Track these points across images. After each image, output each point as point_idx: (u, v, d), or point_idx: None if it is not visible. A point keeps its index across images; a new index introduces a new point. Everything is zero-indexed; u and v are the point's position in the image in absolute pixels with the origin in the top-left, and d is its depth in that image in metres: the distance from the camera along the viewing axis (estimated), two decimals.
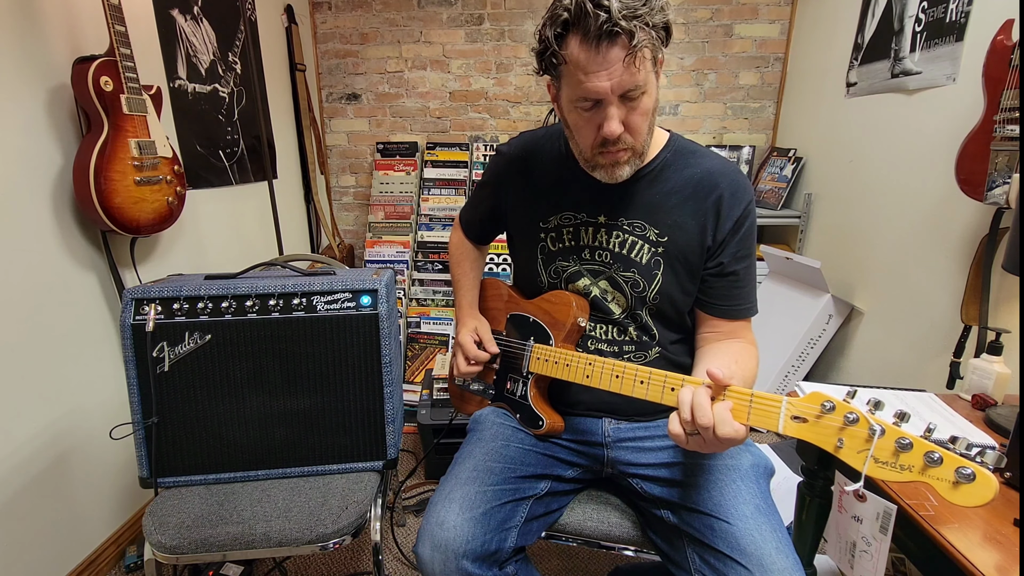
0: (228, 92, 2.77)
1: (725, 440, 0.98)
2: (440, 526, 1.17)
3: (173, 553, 1.41)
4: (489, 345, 1.50)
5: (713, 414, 0.98)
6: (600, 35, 1.04)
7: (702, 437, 1.00)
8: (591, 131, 1.18)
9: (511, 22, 3.59)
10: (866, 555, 1.16)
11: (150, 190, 1.95)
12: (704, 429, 0.99)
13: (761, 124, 3.66)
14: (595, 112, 1.15)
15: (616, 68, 1.07)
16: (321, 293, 1.56)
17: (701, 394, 1.01)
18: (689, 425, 1.01)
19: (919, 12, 2.26)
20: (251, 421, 1.58)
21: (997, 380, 1.56)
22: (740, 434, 0.98)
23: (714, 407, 1.00)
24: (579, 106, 1.16)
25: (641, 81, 1.10)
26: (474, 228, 1.65)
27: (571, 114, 1.20)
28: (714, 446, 1.01)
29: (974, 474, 0.78)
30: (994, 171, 1.65)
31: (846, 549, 1.23)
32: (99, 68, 1.77)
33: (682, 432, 1.02)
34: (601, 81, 1.08)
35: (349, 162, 3.93)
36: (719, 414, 0.99)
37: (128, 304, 1.50)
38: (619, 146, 1.18)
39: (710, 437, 0.99)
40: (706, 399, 1.00)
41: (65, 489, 1.91)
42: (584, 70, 1.09)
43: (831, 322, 2.75)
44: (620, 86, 1.09)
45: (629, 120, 1.15)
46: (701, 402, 1.00)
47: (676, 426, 1.03)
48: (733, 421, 0.98)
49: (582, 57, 1.08)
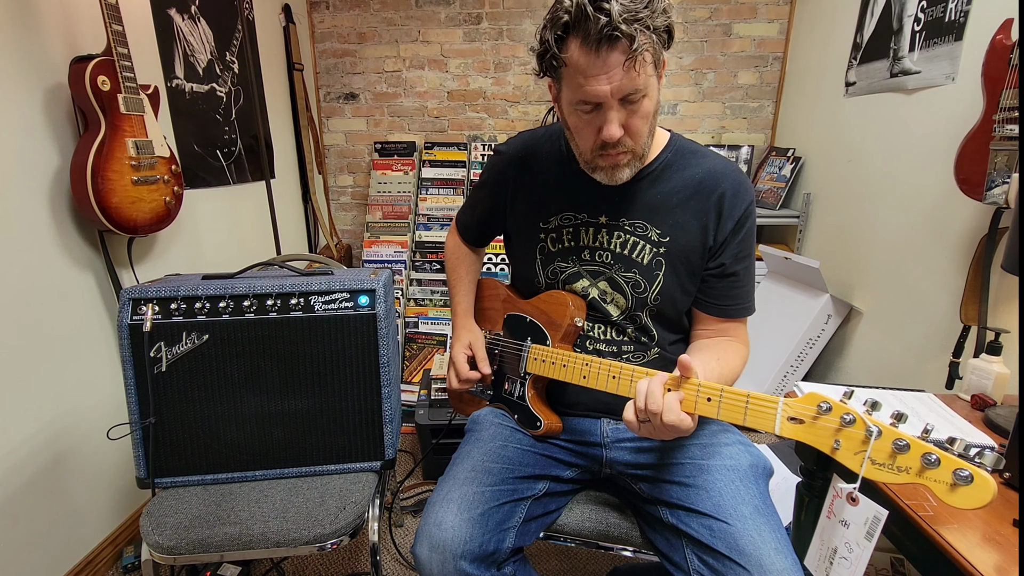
0: (225, 92, 2.76)
1: (670, 427, 1.04)
2: (438, 527, 1.16)
3: (170, 554, 1.41)
4: (482, 365, 1.51)
5: (663, 402, 1.05)
6: (600, 39, 1.04)
7: (651, 424, 1.07)
8: (591, 133, 1.18)
9: (509, 21, 3.59)
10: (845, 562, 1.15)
11: (147, 190, 1.94)
12: (653, 415, 1.05)
13: (760, 124, 3.66)
14: (595, 115, 1.15)
15: (616, 72, 1.07)
16: (319, 293, 1.55)
17: (655, 383, 1.08)
18: (642, 413, 1.07)
19: (918, 11, 2.26)
20: (249, 421, 1.57)
21: (996, 380, 1.55)
22: (684, 423, 1.04)
23: (665, 396, 1.06)
24: (579, 109, 1.16)
25: (641, 85, 1.10)
26: (471, 230, 1.64)
27: (571, 116, 1.20)
28: (662, 432, 1.07)
29: (972, 476, 0.77)
30: (993, 171, 1.65)
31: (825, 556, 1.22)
32: (96, 67, 1.76)
33: (634, 419, 1.09)
34: (601, 85, 1.08)
35: (347, 162, 3.93)
36: (667, 403, 1.05)
37: (125, 304, 1.50)
38: (619, 149, 1.18)
39: (658, 423, 1.05)
40: (659, 388, 1.07)
41: (62, 489, 1.91)
42: (584, 74, 1.09)
43: (830, 322, 2.75)
44: (620, 90, 1.09)
45: (629, 123, 1.15)
46: (653, 390, 1.06)
47: (629, 413, 1.09)
48: (679, 410, 1.04)
49: (582, 61, 1.08)
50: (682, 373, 1.08)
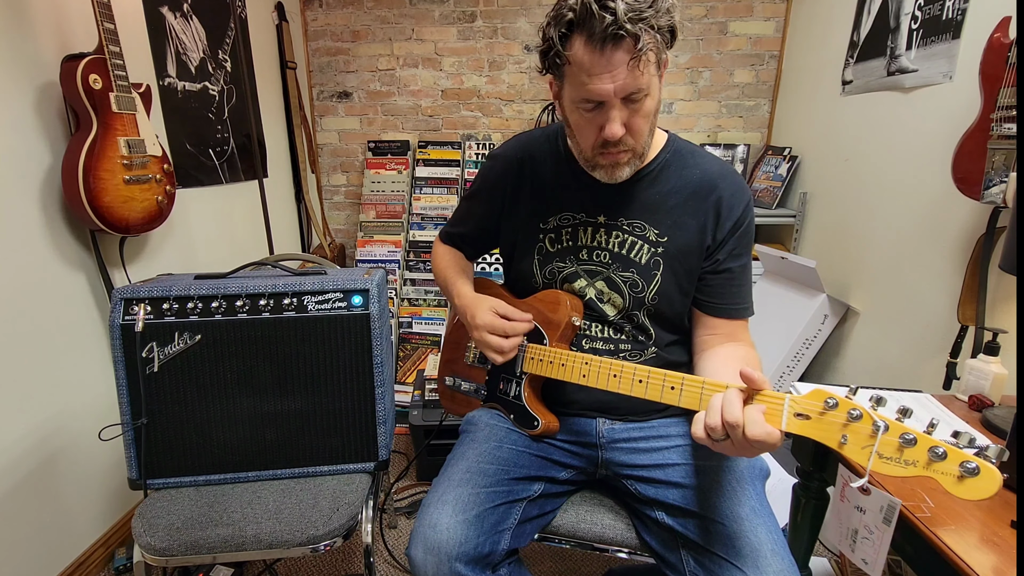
0: (218, 90, 2.75)
1: (755, 442, 0.91)
2: (433, 528, 1.16)
3: (163, 555, 1.41)
4: (519, 317, 1.34)
5: (743, 414, 0.93)
6: (605, 37, 1.03)
7: (731, 439, 0.95)
8: (592, 132, 1.18)
9: (504, 19, 3.57)
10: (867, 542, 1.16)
11: (139, 189, 1.93)
12: (732, 428, 0.93)
13: (756, 122, 3.65)
14: (597, 113, 1.14)
15: (620, 71, 1.06)
16: (312, 293, 1.55)
17: (732, 393, 0.97)
18: (717, 431, 0.95)
19: (915, 9, 2.25)
20: (241, 422, 1.57)
21: (994, 381, 1.55)
22: (773, 437, 0.91)
23: (745, 408, 0.94)
24: (581, 107, 1.15)
25: (644, 84, 1.09)
26: (464, 243, 1.61)
27: (573, 114, 1.20)
28: (744, 449, 0.95)
29: (978, 468, 0.78)
30: (991, 170, 1.64)
31: (847, 534, 1.23)
32: (88, 66, 1.75)
33: (704, 435, 0.97)
34: (604, 84, 1.08)
35: (340, 161, 3.91)
36: (750, 415, 0.92)
37: (117, 304, 1.50)
38: (620, 147, 1.18)
39: (739, 438, 0.93)
40: (737, 398, 0.95)
41: (53, 491, 1.89)
42: (588, 72, 1.08)
43: (826, 322, 2.74)
44: (623, 89, 1.08)
45: (631, 122, 1.15)
46: (731, 399, 0.95)
47: (699, 429, 0.97)
48: (765, 423, 0.92)
49: (586, 59, 1.07)
50: (750, 386, 0.97)
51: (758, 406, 0.95)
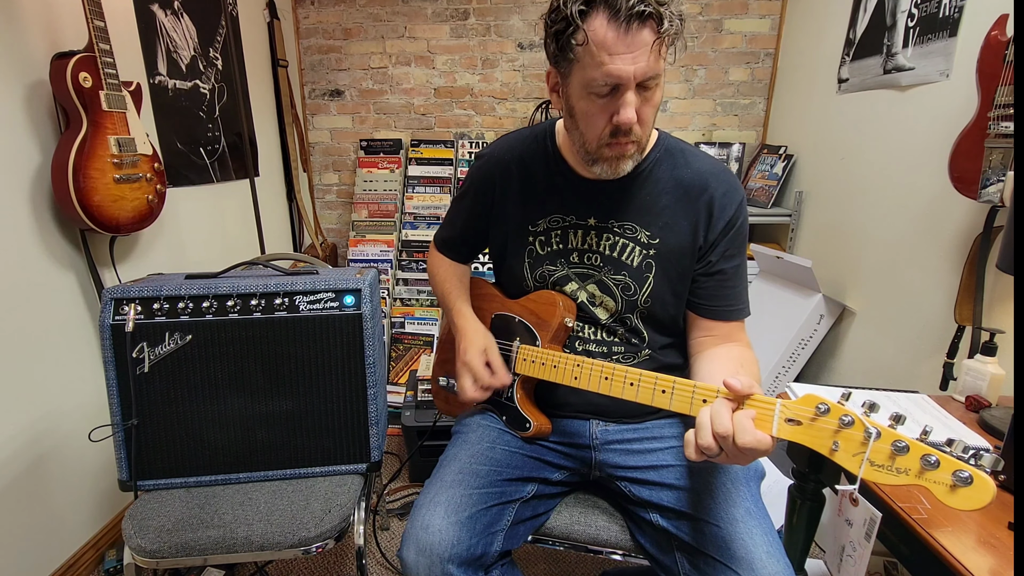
0: (209, 88, 2.73)
1: (746, 450, 0.90)
2: (425, 530, 1.15)
3: (153, 557, 1.40)
4: (500, 372, 1.36)
5: (733, 422, 0.92)
6: (631, 16, 1.00)
7: (723, 449, 0.93)
8: (602, 120, 1.13)
9: (497, 17, 3.56)
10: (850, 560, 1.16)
11: (130, 188, 1.91)
12: (722, 438, 0.92)
13: (751, 121, 3.65)
14: (610, 99, 1.10)
15: (642, 52, 1.03)
16: (304, 293, 1.54)
17: (719, 404, 0.95)
18: (712, 449, 0.93)
19: (912, 7, 2.25)
20: (233, 423, 1.56)
21: (991, 381, 1.55)
22: (763, 444, 0.90)
23: (735, 415, 0.93)
24: (594, 91, 1.10)
25: (660, 70, 1.07)
26: (456, 246, 1.58)
27: (581, 101, 1.14)
28: (736, 457, 0.93)
29: (972, 477, 0.76)
30: (988, 168, 1.64)
31: (837, 552, 1.22)
32: (78, 64, 1.74)
33: (699, 456, 0.96)
34: (626, 64, 1.04)
35: (332, 159, 3.89)
36: (739, 422, 0.91)
37: (107, 304, 1.49)
38: (629, 137, 1.14)
39: (730, 447, 0.92)
40: (725, 408, 0.94)
41: (43, 492, 1.88)
42: (609, 51, 1.03)
43: (822, 322, 2.74)
44: (643, 72, 1.05)
45: (641, 111, 1.11)
46: (718, 410, 0.94)
47: (692, 452, 0.96)
48: (755, 430, 0.91)
49: (609, 37, 1.03)
50: (736, 395, 0.96)
51: (748, 412, 0.94)
